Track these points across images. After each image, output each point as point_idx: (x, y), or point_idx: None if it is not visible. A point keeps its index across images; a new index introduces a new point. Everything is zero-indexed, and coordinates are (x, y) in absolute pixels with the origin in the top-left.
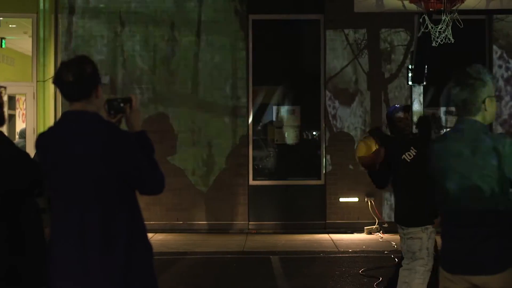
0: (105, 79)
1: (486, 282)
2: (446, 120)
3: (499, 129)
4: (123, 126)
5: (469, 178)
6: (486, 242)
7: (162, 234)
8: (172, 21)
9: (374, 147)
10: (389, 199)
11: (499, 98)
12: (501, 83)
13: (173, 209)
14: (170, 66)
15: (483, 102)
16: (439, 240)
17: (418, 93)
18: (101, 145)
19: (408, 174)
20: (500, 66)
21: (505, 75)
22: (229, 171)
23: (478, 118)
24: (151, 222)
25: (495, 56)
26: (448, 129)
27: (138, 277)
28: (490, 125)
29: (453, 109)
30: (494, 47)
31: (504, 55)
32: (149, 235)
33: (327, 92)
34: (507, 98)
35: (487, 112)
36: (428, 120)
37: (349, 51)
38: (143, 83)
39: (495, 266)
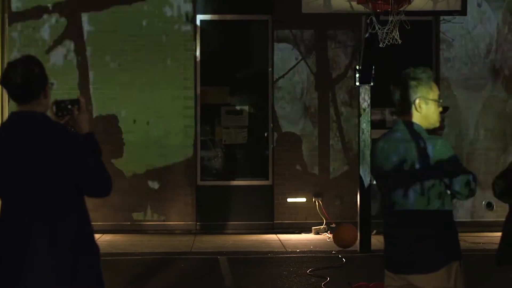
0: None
1: (422, 280)
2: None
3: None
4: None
5: (404, 178)
6: (422, 241)
7: (110, 234)
8: (116, 22)
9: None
10: (336, 199)
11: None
12: (447, 83)
13: (120, 210)
14: (116, 67)
15: (415, 102)
16: None
17: (365, 94)
18: (52, 146)
19: None
20: (447, 68)
21: (452, 76)
22: (177, 171)
23: (413, 118)
24: (99, 223)
25: (442, 57)
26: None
27: (85, 277)
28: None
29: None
30: (441, 48)
31: (451, 56)
32: (97, 236)
33: (275, 93)
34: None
35: (422, 113)
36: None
37: (297, 51)
38: (89, 83)
39: (430, 265)
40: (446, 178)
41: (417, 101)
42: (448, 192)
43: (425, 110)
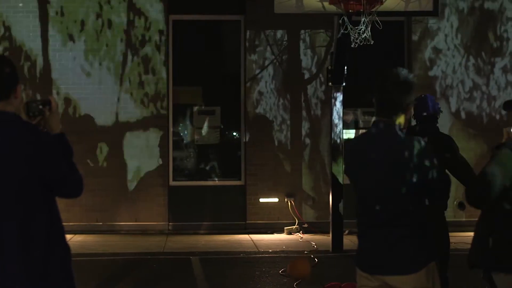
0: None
1: (401, 281)
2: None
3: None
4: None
5: (381, 179)
6: (400, 242)
7: (82, 235)
8: (93, 20)
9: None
10: (308, 199)
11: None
12: (419, 84)
13: (92, 210)
14: (87, 66)
15: (404, 104)
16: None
17: (337, 94)
18: (25, 147)
19: None
20: (419, 68)
21: (424, 75)
22: (149, 171)
23: (395, 119)
24: (70, 223)
25: (414, 58)
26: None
27: (56, 278)
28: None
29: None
30: (413, 48)
31: (423, 56)
32: (68, 236)
33: (248, 93)
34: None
35: (406, 116)
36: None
37: (269, 52)
38: (62, 83)
39: (409, 266)
40: (425, 179)
41: (407, 104)
42: (426, 192)
43: (409, 112)
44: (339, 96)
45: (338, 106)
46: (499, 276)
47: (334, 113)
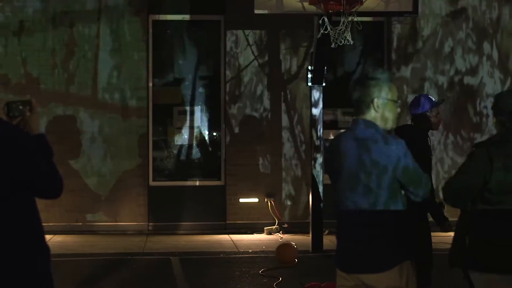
0: None
1: (375, 280)
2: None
3: None
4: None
5: (357, 178)
6: (373, 241)
7: (61, 235)
8: (71, 21)
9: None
10: (288, 199)
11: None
12: (397, 84)
13: (72, 210)
14: (69, 67)
15: (373, 101)
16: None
17: (317, 94)
18: (3, 147)
19: None
20: (397, 68)
21: (402, 76)
22: (129, 172)
23: (371, 118)
24: (50, 224)
25: (393, 58)
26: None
27: (35, 279)
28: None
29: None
30: (392, 48)
31: (402, 56)
32: (48, 236)
33: (228, 93)
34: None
35: (380, 113)
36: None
37: (249, 52)
38: (42, 83)
39: (382, 265)
40: (401, 179)
41: (375, 100)
42: (402, 192)
43: (382, 110)
44: (319, 96)
45: (318, 106)
46: (475, 275)
47: (314, 113)
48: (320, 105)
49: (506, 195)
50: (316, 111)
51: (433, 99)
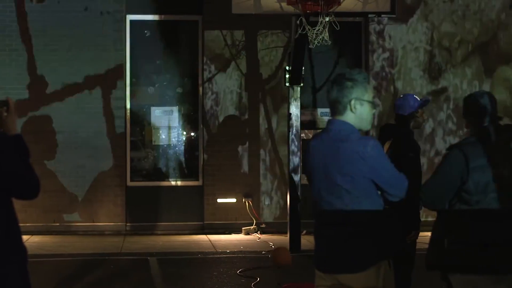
0: None
1: (351, 280)
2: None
3: None
4: None
5: (332, 178)
6: (349, 241)
7: (39, 236)
8: (50, 20)
9: None
10: (266, 199)
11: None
12: (374, 84)
13: (49, 211)
14: (46, 66)
15: (350, 102)
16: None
17: (295, 94)
18: None
19: None
20: (377, 68)
21: (378, 76)
22: (107, 172)
23: (347, 118)
24: (27, 224)
25: (371, 58)
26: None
27: (12, 280)
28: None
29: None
30: (370, 49)
31: (380, 56)
32: (25, 237)
33: (205, 93)
34: (377, 100)
35: (356, 114)
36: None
37: (227, 52)
38: (20, 83)
39: (359, 265)
40: (376, 179)
41: (352, 101)
42: (379, 192)
43: (359, 111)
44: (297, 96)
45: (295, 106)
46: (455, 277)
47: (292, 113)
48: (298, 105)
49: (483, 195)
50: (294, 111)
51: (419, 99)
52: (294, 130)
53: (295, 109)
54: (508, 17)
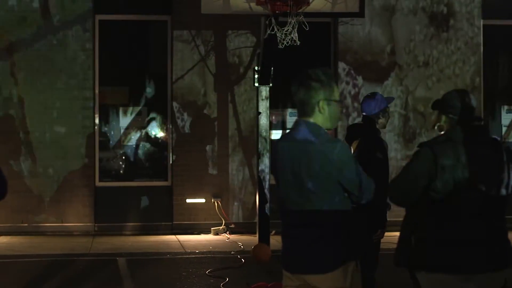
0: None
1: (318, 281)
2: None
3: None
4: None
5: (299, 179)
6: (316, 241)
7: (7, 236)
8: (17, 20)
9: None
10: (235, 200)
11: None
12: (344, 85)
13: (18, 211)
14: (14, 66)
15: (318, 103)
16: None
17: (264, 94)
18: None
19: None
20: (343, 69)
21: (348, 75)
22: (75, 172)
23: (314, 119)
24: None
25: (339, 58)
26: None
27: None
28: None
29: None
30: (339, 49)
31: (347, 57)
32: None
33: (174, 93)
34: (349, 100)
35: (325, 115)
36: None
37: (196, 52)
38: None
39: (326, 265)
40: (343, 182)
41: (320, 103)
42: (346, 194)
43: (327, 112)
44: (266, 97)
45: (264, 106)
46: (421, 275)
47: (261, 114)
48: (267, 105)
49: (451, 194)
50: (263, 112)
51: (385, 98)
52: (263, 131)
53: (264, 109)
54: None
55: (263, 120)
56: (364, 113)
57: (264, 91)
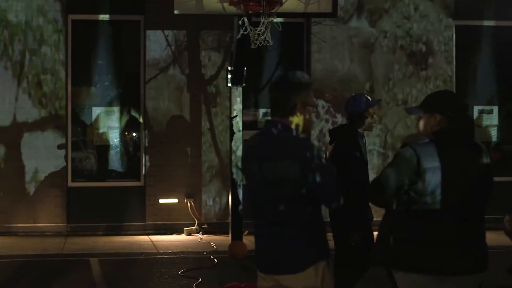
0: None
1: (290, 281)
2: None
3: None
4: None
5: (268, 179)
6: (286, 241)
7: None
8: None
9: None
10: (208, 200)
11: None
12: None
13: None
14: None
15: (294, 105)
16: None
17: (237, 94)
18: None
19: None
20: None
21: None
22: (47, 172)
23: (287, 120)
24: None
25: (312, 59)
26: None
27: None
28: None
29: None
30: (312, 50)
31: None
32: None
33: (147, 93)
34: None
35: (298, 117)
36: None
37: (169, 52)
38: None
39: (296, 265)
40: (309, 183)
41: (296, 104)
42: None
43: (302, 114)
44: (239, 97)
45: (237, 106)
46: (399, 275)
47: (234, 114)
48: (240, 105)
49: (432, 196)
50: (236, 112)
51: (370, 99)
52: (236, 131)
53: (237, 110)
54: None
55: (236, 120)
56: (346, 113)
57: (237, 91)
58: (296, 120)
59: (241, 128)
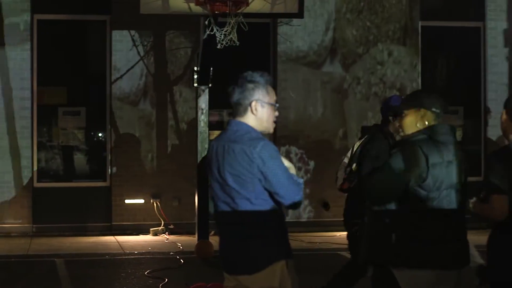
0: None
1: (248, 281)
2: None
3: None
4: None
5: (224, 178)
6: (244, 241)
7: None
8: None
9: None
10: (174, 200)
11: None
12: (284, 85)
13: None
14: None
15: (250, 104)
16: None
17: (203, 94)
18: None
19: None
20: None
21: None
22: (13, 173)
23: (246, 120)
24: None
25: (279, 60)
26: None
27: None
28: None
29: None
30: (278, 50)
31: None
32: None
33: (113, 94)
34: (288, 102)
35: (257, 116)
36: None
37: (135, 52)
38: None
39: (253, 265)
40: (263, 181)
41: (253, 103)
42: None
43: (260, 113)
44: (205, 97)
45: (203, 107)
46: (402, 272)
47: (200, 114)
48: (206, 106)
49: (438, 192)
50: (201, 112)
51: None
52: (201, 131)
53: (203, 110)
54: None
55: (202, 120)
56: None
57: (203, 91)
58: (253, 118)
59: (207, 129)
